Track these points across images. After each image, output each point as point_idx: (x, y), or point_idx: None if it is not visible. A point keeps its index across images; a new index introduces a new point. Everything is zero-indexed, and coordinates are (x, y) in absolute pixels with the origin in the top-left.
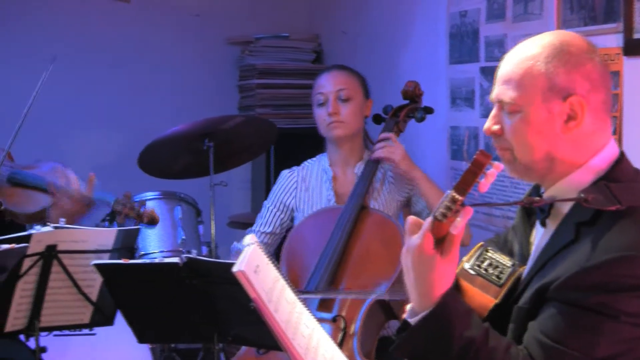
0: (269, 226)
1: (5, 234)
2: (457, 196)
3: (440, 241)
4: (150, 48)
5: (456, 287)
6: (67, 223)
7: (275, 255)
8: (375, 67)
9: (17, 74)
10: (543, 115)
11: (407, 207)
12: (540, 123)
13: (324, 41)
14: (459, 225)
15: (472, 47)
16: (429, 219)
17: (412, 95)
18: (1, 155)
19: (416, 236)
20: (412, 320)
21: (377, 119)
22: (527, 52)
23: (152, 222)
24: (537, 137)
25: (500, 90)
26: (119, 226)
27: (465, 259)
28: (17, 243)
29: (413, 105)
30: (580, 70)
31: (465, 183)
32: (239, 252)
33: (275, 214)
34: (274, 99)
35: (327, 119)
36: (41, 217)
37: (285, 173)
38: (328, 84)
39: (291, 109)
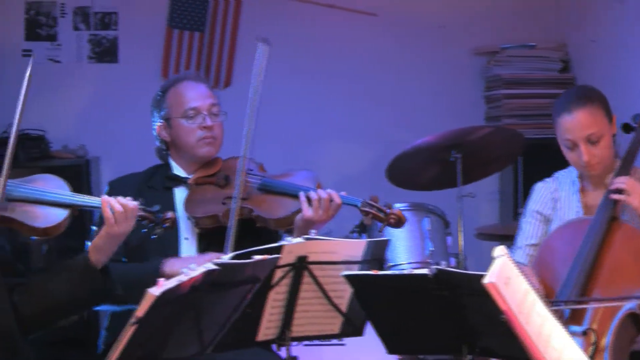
0: (534, 238)
1: (257, 240)
2: None
3: None
4: (396, 60)
5: None
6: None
7: None
8: (625, 75)
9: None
10: None
11: None
12: None
13: (571, 50)
14: None
15: None
16: None
17: None
18: (250, 165)
19: None
20: None
21: (626, 127)
22: None
23: (399, 223)
24: None
25: None
26: (366, 228)
27: None
28: (270, 254)
29: None
30: None
31: None
32: None
33: (536, 225)
34: (521, 109)
35: (581, 162)
36: (290, 222)
37: (539, 185)
38: (575, 130)
39: (539, 118)
